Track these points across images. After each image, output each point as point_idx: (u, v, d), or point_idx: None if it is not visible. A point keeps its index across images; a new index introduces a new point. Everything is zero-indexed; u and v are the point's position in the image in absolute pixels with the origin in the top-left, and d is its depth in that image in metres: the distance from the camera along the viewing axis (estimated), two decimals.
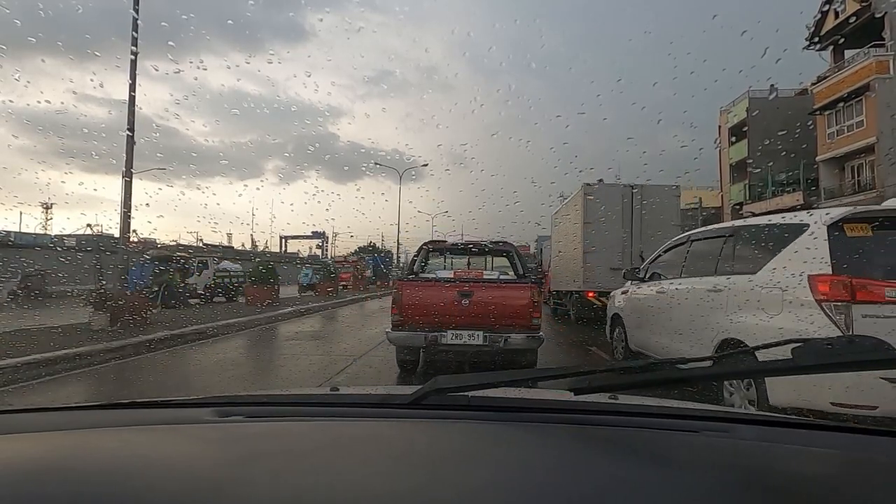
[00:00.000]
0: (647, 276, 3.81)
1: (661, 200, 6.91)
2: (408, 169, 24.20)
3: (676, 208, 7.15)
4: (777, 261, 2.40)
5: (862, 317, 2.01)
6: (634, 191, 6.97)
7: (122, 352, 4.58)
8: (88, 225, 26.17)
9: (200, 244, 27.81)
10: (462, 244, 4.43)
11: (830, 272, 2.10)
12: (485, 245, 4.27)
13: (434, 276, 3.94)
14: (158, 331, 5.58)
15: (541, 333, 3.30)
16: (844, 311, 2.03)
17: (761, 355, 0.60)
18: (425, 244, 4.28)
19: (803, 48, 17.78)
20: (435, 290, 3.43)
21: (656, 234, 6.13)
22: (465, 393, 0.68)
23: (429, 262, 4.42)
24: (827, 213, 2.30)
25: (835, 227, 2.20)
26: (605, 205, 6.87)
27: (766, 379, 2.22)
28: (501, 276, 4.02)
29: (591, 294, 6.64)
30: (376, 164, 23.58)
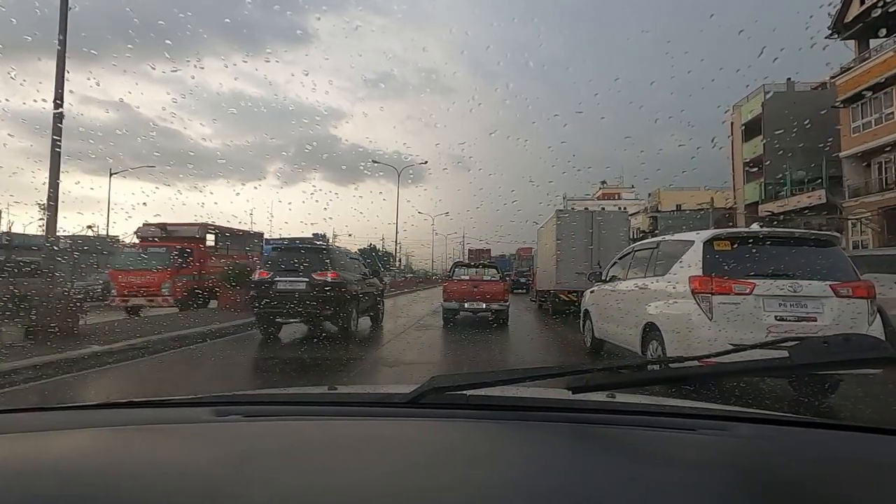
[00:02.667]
0: (608, 278, 5.20)
1: (614, 222, 10.72)
2: (406, 167, 25.47)
3: (627, 228, 10.90)
4: (676, 266, 3.79)
5: (718, 304, 3.37)
6: (594, 215, 10.88)
7: None
8: (89, 226, 27.13)
9: None
10: (471, 262, 11.33)
11: (701, 274, 3.47)
12: (483, 262, 11.27)
13: (459, 277, 8.91)
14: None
15: (508, 303, 8.24)
16: (708, 300, 3.39)
17: (759, 354, 0.69)
18: (455, 263, 9.99)
19: (826, 37, 18.25)
20: (461, 284, 8.51)
21: (611, 247, 9.21)
22: (464, 392, 0.74)
23: (456, 270, 9.42)
24: (706, 233, 3.68)
25: (708, 243, 3.57)
26: (572, 225, 10.42)
27: (662, 332, 3.58)
28: (492, 278, 9.03)
29: (563, 293, 9.99)
30: (374, 161, 24.70)
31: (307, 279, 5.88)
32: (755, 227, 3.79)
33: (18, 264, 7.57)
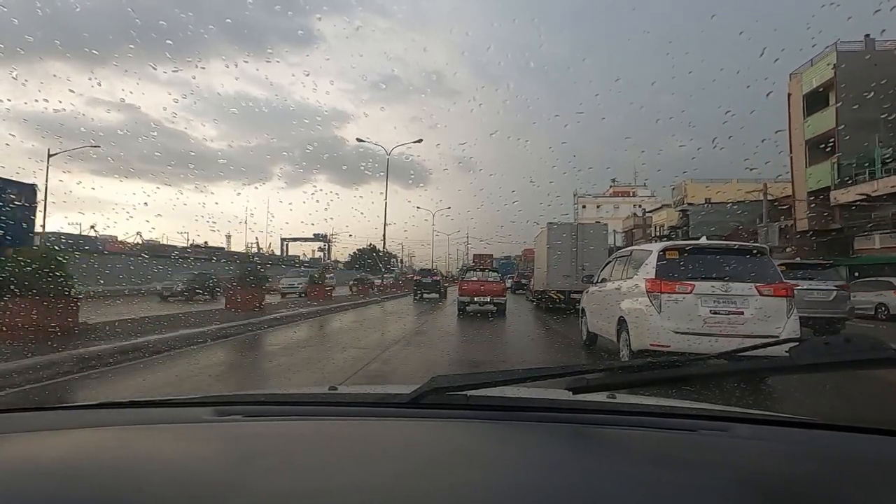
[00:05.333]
0: (599, 280, 6.61)
1: (595, 233, 14.79)
2: (396, 146, 26.23)
3: (605, 238, 15.01)
4: (640, 270, 5.23)
5: (665, 301, 4.79)
6: (579, 228, 15.09)
7: None
8: (92, 226, 28.74)
9: (186, 244, 30.77)
10: (477, 266, 20.96)
11: (654, 277, 4.87)
12: (487, 266, 19.05)
13: (469, 279, 14.16)
14: None
15: (505, 298, 13.70)
16: (658, 298, 4.81)
17: (760, 354, 0.75)
18: (466, 268, 20.14)
19: None
20: (471, 283, 13.90)
21: (591, 255, 13.54)
22: (464, 392, 0.82)
23: (467, 273, 15.11)
24: (661, 244, 5.06)
25: (662, 252, 4.97)
26: (560, 236, 14.38)
27: (627, 324, 5.00)
28: (493, 279, 14.12)
29: (553, 292, 14.05)
30: (359, 139, 26.07)
31: (431, 278, 22.58)
32: (703, 239, 5.11)
33: None
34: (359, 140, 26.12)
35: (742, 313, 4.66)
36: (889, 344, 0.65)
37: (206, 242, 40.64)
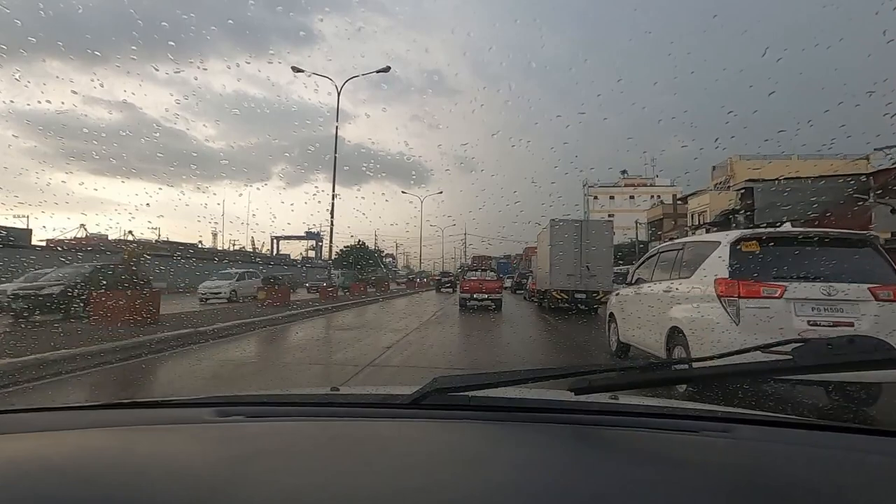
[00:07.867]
0: (633, 280, 5.46)
1: (599, 231, 14.38)
2: (351, 77, 19.63)
3: (610, 236, 14.67)
4: (702, 268, 4.07)
5: (745, 307, 3.64)
6: (582, 225, 14.63)
7: None
8: (82, 225, 29.38)
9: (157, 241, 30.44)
10: (476, 266, 22.70)
11: (728, 276, 3.73)
12: (485, 266, 22.73)
13: (470, 278, 16.75)
14: None
15: (501, 294, 16.78)
16: (735, 304, 3.67)
17: (762, 355, 0.77)
18: (467, 268, 23.92)
19: None
20: (471, 281, 16.53)
21: (596, 254, 13.38)
22: (466, 393, 0.85)
23: (468, 273, 17.72)
24: (732, 234, 3.93)
25: (735, 244, 3.84)
26: (564, 234, 13.99)
27: (686, 337, 3.85)
28: (491, 278, 16.70)
29: (556, 292, 13.52)
30: (295, 69, 18.50)
31: (447, 277, 32.25)
32: (787, 226, 4.01)
33: None
34: (295, 69, 18.43)
35: (852, 325, 3.57)
36: (891, 345, 0.65)
37: (200, 240, 43.48)
